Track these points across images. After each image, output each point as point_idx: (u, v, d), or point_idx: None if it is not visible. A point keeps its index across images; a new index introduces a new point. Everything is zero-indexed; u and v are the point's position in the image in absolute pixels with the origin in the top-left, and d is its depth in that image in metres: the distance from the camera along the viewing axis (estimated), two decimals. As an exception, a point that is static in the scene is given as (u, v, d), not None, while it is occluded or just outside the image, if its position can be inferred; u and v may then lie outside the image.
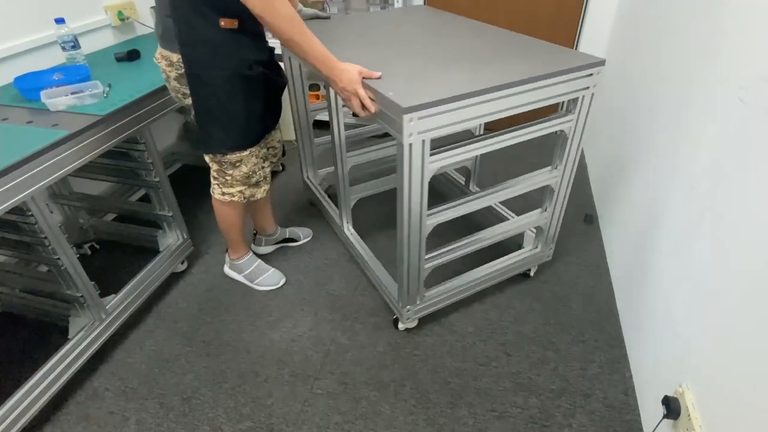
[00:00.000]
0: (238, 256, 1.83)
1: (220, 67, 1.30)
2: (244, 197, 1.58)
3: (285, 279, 1.87)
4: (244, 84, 1.34)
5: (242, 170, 1.51)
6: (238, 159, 1.48)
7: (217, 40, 1.26)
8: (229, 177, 1.52)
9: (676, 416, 1.10)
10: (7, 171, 1.15)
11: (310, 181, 2.26)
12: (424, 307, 1.59)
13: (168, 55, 1.38)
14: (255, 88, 1.38)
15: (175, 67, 1.38)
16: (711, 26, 1.25)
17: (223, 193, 1.57)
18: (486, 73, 1.23)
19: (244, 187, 1.56)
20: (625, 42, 2.19)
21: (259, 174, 1.57)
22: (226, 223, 1.70)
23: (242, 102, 1.37)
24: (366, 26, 1.73)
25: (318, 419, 1.40)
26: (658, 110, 1.56)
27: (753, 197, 0.93)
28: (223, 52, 1.28)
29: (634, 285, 1.58)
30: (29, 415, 1.31)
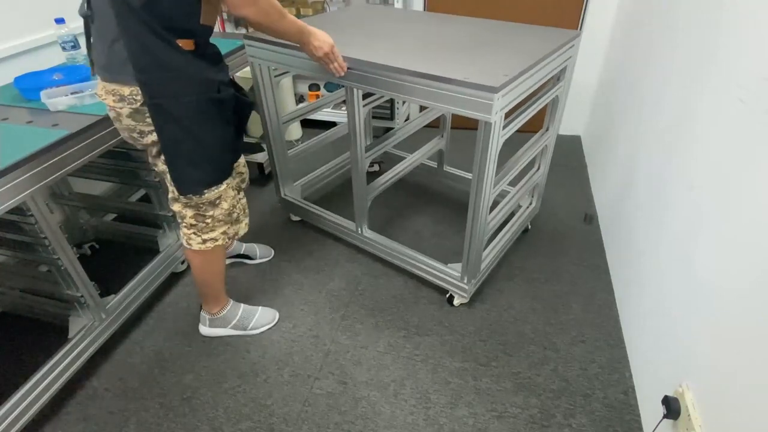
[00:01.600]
0: (220, 307, 1.62)
1: (187, 92, 1.14)
2: (228, 237, 1.41)
3: (278, 313, 1.72)
4: (215, 109, 1.20)
5: (223, 207, 1.34)
6: (217, 196, 1.30)
7: (179, 62, 1.11)
8: (209, 220, 1.34)
9: (676, 416, 1.10)
10: (7, 171, 1.15)
11: (288, 197, 2.10)
12: (479, 279, 1.74)
13: (116, 89, 1.14)
14: (226, 113, 1.24)
15: (128, 101, 1.15)
16: (711, 26, 1.25)
17: (204, 240, 1.38)
18: (510, 55, 1.39)
19: (227, 226, 1.39)
20: (625, 42, 2.19)
21: (237, 208, 1.41)
22: (209, 274, 1.50)
23: (215, 130, 1.22)
24: (372, 22, 1.77)
25: (318, 419, 1.40)
26: (658, 110, 1.56)
27: (753, 197, 0.93)
28: (187, 74, 1.13)
29: (634, 285, 1.58)
30: (29, 415, 1.31)
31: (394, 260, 1.85)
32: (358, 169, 1.70)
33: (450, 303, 1.75)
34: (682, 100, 1.37)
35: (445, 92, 1.26)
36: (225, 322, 1.64)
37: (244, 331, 1.66)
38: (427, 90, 1.30)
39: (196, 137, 1.20)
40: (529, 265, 1.92)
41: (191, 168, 1.23)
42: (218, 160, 1.28)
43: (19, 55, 1.75)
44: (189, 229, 1.37)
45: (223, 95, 1.20)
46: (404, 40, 1.56)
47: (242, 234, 1.47)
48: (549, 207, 2.25)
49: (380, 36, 1.61)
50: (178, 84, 1.13)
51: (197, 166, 1.24)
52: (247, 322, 1.66)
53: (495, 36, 1.57)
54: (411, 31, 1.65)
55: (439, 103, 1.29)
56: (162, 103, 1.13)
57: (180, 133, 1.18)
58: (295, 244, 2.08)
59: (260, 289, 1.84)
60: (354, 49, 1.45)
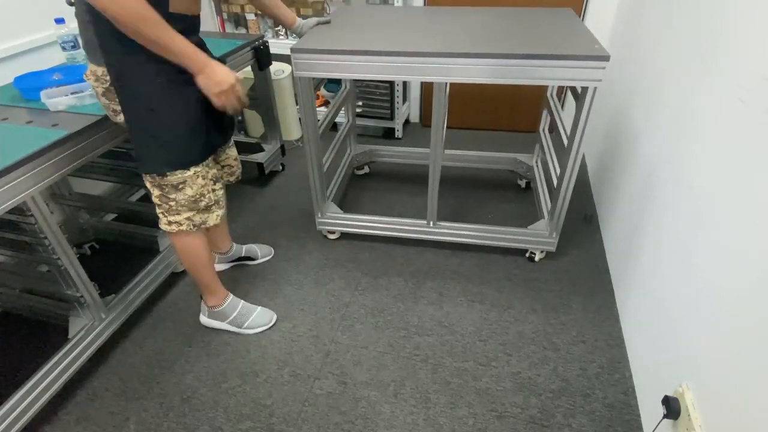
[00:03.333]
0: (217, 301, 1.63)
1: (152, 73, 1.14)
2: (194, 224, 1.39)
3: (276, 316, 1.71)
4: (182, 91, 1.19)
5: (187, 193, 1.32)
6: (180, 180, 1.30)
7: (141, 46, 1.09)
8: (173, 202, 1.34)
9: (676, 416, 1.10)
10: (7, 171, 1.16)
11: (330, 217, 1.99)
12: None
13: (94, 69, 1.23)
14: (192, 98, 1.22)
15: (101, 81, 1.23)
16: (711, 26, 1.25)
17: (170, 222, 1.38)
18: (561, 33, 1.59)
19: (192, 212, 1.37)
20: (625, 41, 2.19)
21: (208, 197, 1.37)
22: (190, 261, 1.51)
23: (181, 112, 1.22)
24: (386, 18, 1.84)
25: (318, 419, 1.40)
26: (658, 110, 1.56)
27: (753, 197, 0.93)
28: (149, 57, 1.11)
29: (634, 285, 1.58)
30: (29, 415, 1.30)
31: (470, 240, 1.93)
32: (436, 167, 1.76)
33: (531, 260, 1.95)
34: (682, 99, 1.37)
35: (556, 68, 1.42)
36: (222, 316, 1.65)
37: (239, 329, 1.66)
38: (534, 69, 1.43)
39: (160, 118, 1.21)
40: (529, 265, 1.92)
41: (154, 148, 1.25)
42: (183, 144, 1.27)
43: (19, 55, 1.75)
44: (158, 208, 1.38)
45: (188, 77, 1.17)
46: (453, 32, 1.63)
47: (211, 224, 1.43)
48: (549, 207, 2.25)
49: (432, 31, 1.66)
50: (144, 66, 1.13)
51: (160, 146, 1.25)
52: (244, 319, 1.66)
53: (524, 22, 1.71)
54: (443, 25, 1.72)
55: (549, 77, 1.44)
56: (128, 85, 1.16)
57: (145, 112, 1.19)
58: (294, 244, 2.08)
59: (260, 289, 1.84)
60: (427, 43, 1.53)
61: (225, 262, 1.93)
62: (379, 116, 2.86)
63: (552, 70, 1.42)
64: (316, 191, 1.91)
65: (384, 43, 1.53)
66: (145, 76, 1.15)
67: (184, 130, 1.25)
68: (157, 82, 1.16)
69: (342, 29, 1.71)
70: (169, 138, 1.24)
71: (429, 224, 1.91)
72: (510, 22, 1.70)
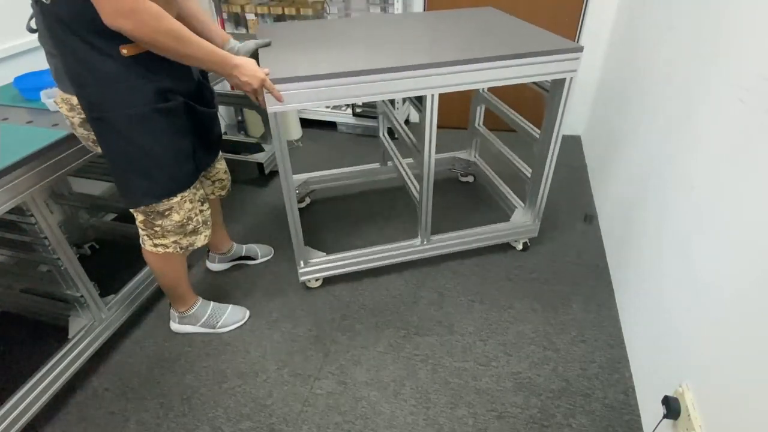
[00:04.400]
0: (187, 306, 1.61)
1: (128, 104, 1.08)
2: (181, 248, 1.36)
3: (248, 312, 1.71)
4: (163, 119, 1.14)
5: (173, 219, 1.29)
6: (166, 208, 1.26)
7: (118, 73, 1.05)
8: (158, 228, 1.30)
9: (676, 416, 1.10)
10: (7, 171, 1.16)
11: (309, 268, 1.77)
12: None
13: (67, 98, 1.15)
14: (177, 122, 1.18)
15: (77, 111, 1.15)
16: (711, 26, 1.25)
17: (155, 245, 1.35)
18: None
19: (179, 236, 1.34)
20: (625, 41, 2.19)
21: (196, 220, 1.34)
22: (168, 279, 1.48)
23: (165, 141, 1.17)
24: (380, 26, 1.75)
25: (318, 419, 1.40)
26: (658, 110, 1.56)
27: (753, 197, 0.93)
28: (128, 86, 1.07)
29: (634, 285, 1.58)
30: (29, 415, 1.31)
31: (465, 247, 1.92)
32: (429, 179, 1.65)
33: (525, 249, 2.00)
34: (683, 99, 1.37)
35: (531, 65, 1.42)
36: (194, 320, 1.64)
37: (213, 330, 1.66)
38: (510, 69, 1.42)
39: (141, 149, 1.15)
40: (529, 265, 1.92)
41: (139, 179, 1.19)
42: (170, 172, 1.22)
43: (19, 55, 1.75)
44: (141, 230, 1.35)
45: (171, 104, 1.14)
46: (416, 40, 1.56)
47: (199, 246, 1.40)
48: (549, 207, 2.24)
49: (383, 43, 1.56)
50: (117, 96, 1.07)
51: (145, 177, 1.19)
52: (215, 320, 1.66)
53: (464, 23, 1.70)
54: (387, 36, 1.61)
55: (526, 74, 1.44)
56: (102, 117, 1.09)
57: (124, 144, 1.13)
58: (295, 244, 2.08)
59: (260, 289, 1.84)
60: (403, 55, 1.41)
61: (225, 262, 1.93)
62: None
63: (532, 68, 1.43)
64: (298, 242, 1.69)
65: (360, 61, 1.36)
66: (124, 105, 1.08)
67: (171, 159, 1.20)
68: (139, 113, 1.10)
69: (295, 50, 1.49)
70: (154, 169, 1.19)
71: (423, 242, 1.82)
72: (447, 25, 1.69)
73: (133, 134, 1.12)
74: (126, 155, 1.15)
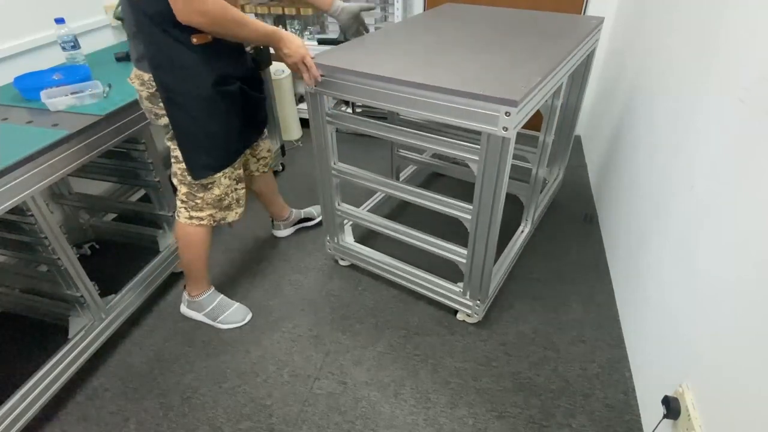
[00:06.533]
0: (199, 292, 1.68)
1: (196, 87, 1.25)
2: (214, 221, 1.50)
3: (251, 314, 1.73)
4: (222, 101, 1.30)
5: (214, 193, 1.44)
6: (210, 181, 1.41)
7: (189, 60, 1.21)
8: (199, 200, 1.44)
9: (676, 416, 1.10)
10: (7, 171, 1.16)
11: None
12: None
13: (140, 75, 1.30)
14: (233, 104, 1.34)
15: (147, 86, 1.30)
16: (711, 26, 1.25)
17: (191, 216, 1.47)
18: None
19: (215, 210, 1.48)
20: (625, 41, 2.19)
21: (231, 196, 1.49)
22: (191, 253, 1.57)
23: (222, 121, 1.33)
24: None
25: (318, 419, 1.40)
26: (658, 110, 1.56)
27: (753, 197, 0.93)
28: (196, 71, 1.23)
29: (634, 285, 1.58)
30: (29, 415, 1.31)
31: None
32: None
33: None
34: (682, 99, 1.37)
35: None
36: (200, 307, 1.70)
37: (213, 322, 1.70)
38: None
39: (203, 127, 1.31)
40: (529, 265, 1.92)
41: (199, 154, 1.35)
42: (224, 149, 1.39)
43: (19, 55, 1.75)
44: (181, 203, 1.48)
45: (231, 89, 1.30)
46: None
47: (229, 221, 1.54)
48: (549, 207, 2.24)
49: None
50: (187, 81, 1.23)
51: (205, 153, 1.35)
52: (218, 313, 1.70)
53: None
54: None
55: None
56: (173, 97, 1.25)
57: (190, 123, 1.30)
58: (294, 244, 2.08)
59: (260, 289, 1.85)
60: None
61: (289, 227, 2.12)
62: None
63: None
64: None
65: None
66: (192, 89, 1.25)
67: (225, 137, 1.36)
68: (204, 95, 1.26)
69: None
70: (212, 146, 1.35)
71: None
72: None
73: (197, 113, 1.28)
74: (190, 131, 1.31)
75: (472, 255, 1.48)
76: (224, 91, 1.29)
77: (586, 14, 2.51)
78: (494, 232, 1.38)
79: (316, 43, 2.64)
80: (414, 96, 1.25)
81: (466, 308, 1.63)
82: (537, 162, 1.74)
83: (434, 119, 1.26)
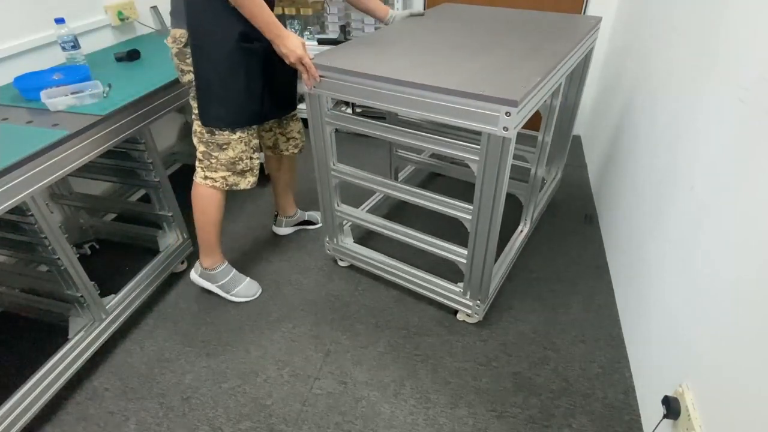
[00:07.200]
0: (214, 264, 1.75)
1: (223, 37, 1.34)
2: (227, 184, 1.57)
3: (261, 289, 1.83)
4: (245, 58, 1.38)
5: (228, 154, 1.51)
6: (225, 142, 1.49)
7: (222, 12, 1.30)
8: (213, 160, 1.52)
9: (676, 416, 1.10)
10: (7, 171, 1.16)
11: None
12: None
13: (174, 32, 1.41)
14: (255, 65, 1.42)
15: (177, 42, 1.40)
16: (711, 26, 1.25)
17: (206, 176, 1.56)
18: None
19: (228, 173, 1.55)
20: (625, 41, 2.19)
21: (245, 163, 1.56)
22: (206, 217, 1.63)
23: (242, 78, 1.41)
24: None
25: (318, 419, 1.40)
26: (658, 110, 1.56)
27: (753, 197, 0.93)
28: (226, 23, 1.32)
29: (634, 285, 1.58)
30: (29, 415, 1.31)
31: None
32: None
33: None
34: (682, 99, 1.37)
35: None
36: (213, 279, 1.77)
37: (227, 294, 1.79)
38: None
39: (224, 80, 1.39)
40: (529, 265, 1.92)
41: (215, 105, 1.43)
42: (240, 106, 1.45)
43: (19, 55, 1.74)
44: (198, 162, 1.56)
45: (255, 46, 1.38)
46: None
47: (242, 188, 1.60)
48: (549, 206, 2.25)
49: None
50: (217, 31, 1.33)
51: (220, 105, 1.43)
52: (232, 287, 1.78)
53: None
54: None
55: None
56: (202, 45, 1.35)
57: (212, 73, 1.38)
58: (294, 244, 2.08)
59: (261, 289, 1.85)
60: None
61: (291, 226, 2.12)
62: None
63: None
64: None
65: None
66: (218, 39, 1.34)
67: (242, 94, 1.43)
68: (227, 47, 1.35)
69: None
70: (230, 100, 1.43)
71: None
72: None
73: (220, 65, 1.37)
74: (211, 82, 1.40)
75: (472, 255, 1.48)
76: (248, 48, 1.37)
77: (586, 14, 2.51)
78: (494, 231, 1.38)
79: (316, 43, 2.64)
80: (414, 96, 1.26)
81: (466, 308, 1.63)
82: (536, 161, 1.75)
83: (434, 119, 1.26)
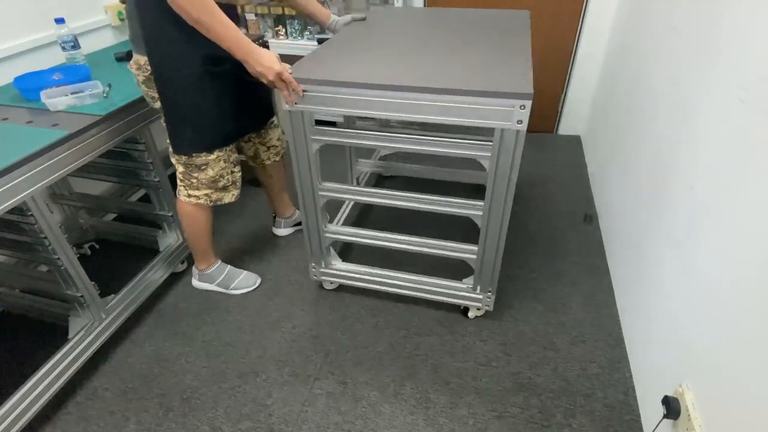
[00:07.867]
0: (208, 265, 1.78)
1: (186, 64, 1.29)
2: (211, 201, 1.56)
3: (260, 279, 1.86)
4: (213, 81, 1.34)
5: (208, 174, 1.49)
6: (203, 162, 1.46)
7: (181, 38, 1.25)
8: (194, 180, 1.50)
9: (676, 416, 1.10)
10: (7, 171, 1.16)
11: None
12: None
13: (137, 59, 1.38)
14: (225, 86, 1.38)
15: (142, 70, 1.37)
16: (711, 26, 1.25)
17: (189, 194, 1.54)
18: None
19: (211, 190, 1.54)
20: (625, 42, 2.19)
21: (227, 179, 1.54)
22: (194, 230, 1.65)
23: (212, 99, 1.37)
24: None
25: (318, 419, 1.40)
26: (658, 110, 1.56)
27: (753, 197, 0.93)
28: (187, 49, 1.27)
29: (634, 285, 1.58)
30: (29, 415, 1.31)
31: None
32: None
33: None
34: (682, 100, 1.37)
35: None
36: (210, 279, 1.80)
37: (226, 290, 1.82)
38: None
39: (192, 104, 1.36)
40: (529, 265, 1.92)
41: (187, 130, 1.40)
42: (212, 128, 1.42)
43: (19, 55, 1.74)
44: (180, 181, 1.54)
45: (221, 69, 1.33)
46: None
47: (226, 202, 1.59)
48: (549, 207, 2.25)
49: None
50: (179, 57, 1.28)
51: (194, 131, 1.40)
52: (230, 281, 1.81)
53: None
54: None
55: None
56: (164, 73, 1.31)
57: (179, 98, 1.35)
58: (294, 244, 2.08)
59: (260, 289, 1.84)
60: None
61: (289, 226, 2.12)
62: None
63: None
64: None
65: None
66: (182, 65, 1.29)
67: (215, 117, 1.40)
68: (194, 74, 1.31)
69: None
70: (202, 123, 1.39)
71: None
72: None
73: (187, 90, 1.33)
74: (179, 107, 1.36)
75: (483, 250, 1.48)
76: (214, 71, 1.33)
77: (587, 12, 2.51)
78: (506, 224, 1.39)
79: (316, 43, 2.64)
80: (418, 101, 1.21)
81: (476, 302, 1.63)
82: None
83: (440, 122, 1.23)
